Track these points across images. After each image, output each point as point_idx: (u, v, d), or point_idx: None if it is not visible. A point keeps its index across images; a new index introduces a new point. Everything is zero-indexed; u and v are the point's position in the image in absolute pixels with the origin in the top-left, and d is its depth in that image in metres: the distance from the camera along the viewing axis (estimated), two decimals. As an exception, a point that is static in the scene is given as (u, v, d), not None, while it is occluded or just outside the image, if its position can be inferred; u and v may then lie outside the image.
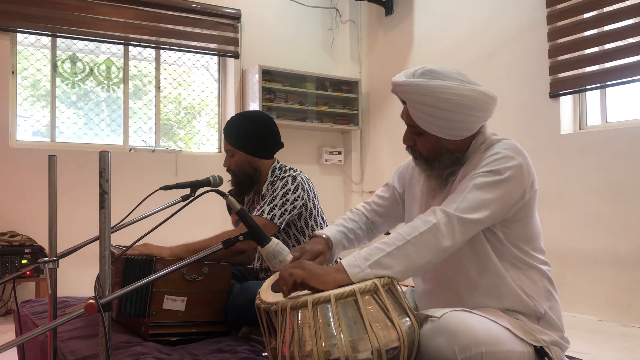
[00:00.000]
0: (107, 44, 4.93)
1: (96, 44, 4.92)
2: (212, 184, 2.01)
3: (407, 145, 1.58)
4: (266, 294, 1.39)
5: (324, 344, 1.19)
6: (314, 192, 2.30)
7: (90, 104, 4.98)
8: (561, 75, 4.12)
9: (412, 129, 1.54)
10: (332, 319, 1.21)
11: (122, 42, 4.93)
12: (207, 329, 2.02)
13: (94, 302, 1.13)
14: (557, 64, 4.14)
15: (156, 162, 4.97)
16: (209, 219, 4.41)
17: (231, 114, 5.23)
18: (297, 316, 1.24)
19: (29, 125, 4.69)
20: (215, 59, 5.57)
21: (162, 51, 5.25)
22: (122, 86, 5.06)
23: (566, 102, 4.18)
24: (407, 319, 1.28)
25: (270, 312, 1.31)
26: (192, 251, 2.01)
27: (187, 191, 1.93)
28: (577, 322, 3.67)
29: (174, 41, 5.13)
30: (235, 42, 5.44)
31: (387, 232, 1.80)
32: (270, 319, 1.32)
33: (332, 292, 1.24)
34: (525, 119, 4.33)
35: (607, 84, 3.90)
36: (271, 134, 2.32)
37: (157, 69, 5.24)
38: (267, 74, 5.40)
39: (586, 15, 4.00)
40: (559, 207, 4.02)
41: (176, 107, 5.49)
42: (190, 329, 1.99)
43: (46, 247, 3.70)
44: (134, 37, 4.93)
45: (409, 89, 1.47)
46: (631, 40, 3.73)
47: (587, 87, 4.00)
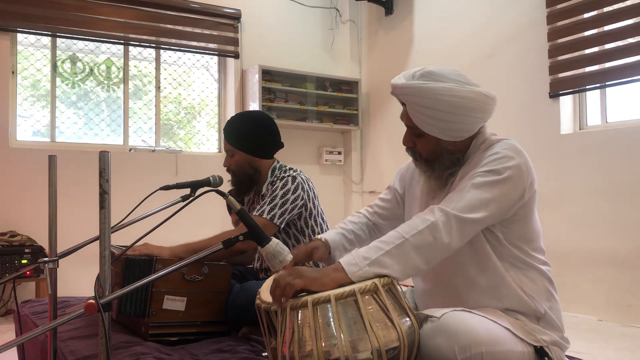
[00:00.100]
0: (107, 44, 4.93)
1: (96, 44, 4.92)
2: (212, 184, 2.01)
3: (407, 146, 1.58)
4: (266, 294, 1.39)
5: (324, 344, 1.19)
6: (314, 192, 2.30)
7: (90, 104, 4.98)
8: (561, 75, 4.12)
9: (412, 131, 1.54)
10: (332, 319, 1.21)
11: (122, 42, 4.93)
12: (207, 329, 2.02)
13: (94, 302, 1.14)
14: (557, 64, 4.14)
15: (156, 162, 4.98)
16: (209, 219, 4.41)
17: (231, 114, 5.23)
18: (297, 316, 1.24)
19: (29, 125, 4.69)
20: (215, 59, 5.57)
21: (162, 51, 5.25)
22: (122, 86, 5.06)
23: (566, 102, 4.17)
24: (407, 319, 1.28)
25: (270, 312, 1.31)
26: (192, 251, 2.01)
27: (187, 191, 1.93)
28: (577, 322, 3.67)
29: (174, 41, 5.13)
30: (235, 42, 5.44)
31: None
32: (270, 319, 1.33)
33: (332, 292, 1.24)
34: (525, 119, 4.33)
35: (607, 84, 3.90)
36: (271, 134, 2.32)
37: (157, 69, 5.24)
38: (267, 74, 5.40)
39: (586, 15, 4.00)
40: (559, 207, 4.02)
41: (176, 107, 5.49)
42: (190, 329, 1.99)
43: (46, 247, 3.70)
44: (134, 37, 4.93)
45: (409, 91, 1.47)
46: (631, 40, 3.73)
47: (587, 87, 4.00)
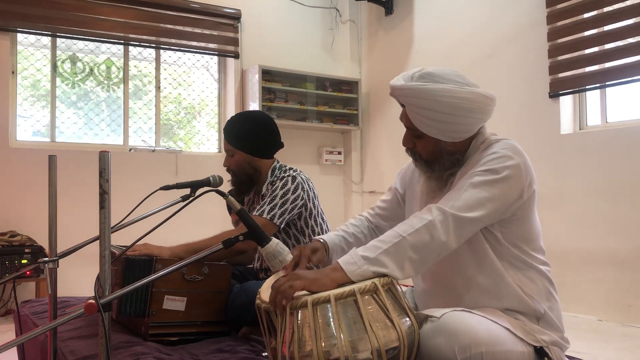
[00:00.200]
0: (107, 44, 4.94)
1: (96, 44, 4.92)
2: (212, 184, 2.01)
3: (406, 147, 1.58)
4: (266, 294, 1.39)
5: (323, 344, 1.19)
6: (314, 192, 2.30)
7: (90, 104, 4.98)
8: (561, 75, 4.12)
9: (412, 132, 1.54)
10: (332, 319, 1.21)
11: (122, 42, 4.93)
12: (207, 329, 2.02)
13: (94, 302, 1.14)
14: (557, 64, 4.14)
15: (156, 162, 4.98)
16: (209, 219, 4.40)
17: (231, 114, 5.23)
18: (297, 316, 1.24)
19: (29, 125, 4.69)
20: (215, 59, 5.57)
21: (162, 51, 5.25)
22: (122, 86, 5.06)
23: (566, 102, 4.17)
24: (407, 319, 1.28)
25: (270, 312, 1.31)
26: (192, 251, 2.01)
27: (187, 191, 1.93)
28: (577, 322, 3.67)
29: (174, 41, 5.13)
30: (235, 42, 5.44)
31: None
32: (270, 319, 1.33)
33: (332, 292, 1.24)
34: (525, 119, 4.33)
35: (607, 84, 3.90)
36: (271, 134, 2.32)
37: (157, 69, 5.24)
38: (267, 74, 5.40)
39: (586, 15, 4.00)
40: (559, 207, 4.02)
41: (176, 107, 5.49)
42: (190, 329, 1.99)
43: (46, 247, 3.70)
44: (134, 37, 4.93)
45: (408, 93, 1.47)
46: (631, 40, 3.73)
47: (587, 87, 4.00)
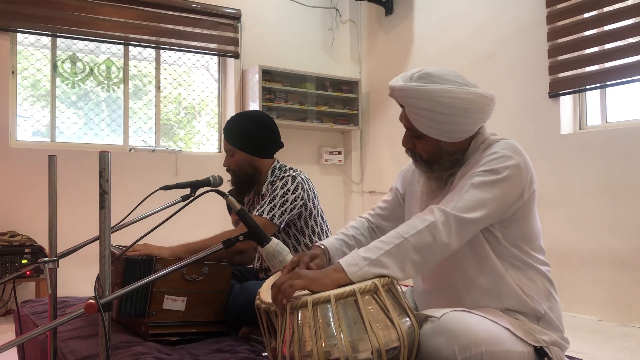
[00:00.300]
0: (107, 44, 4.94)
1: (96, 44, 4.92)
2: (212, 184, 2.01)
3: (406, 148, 1.58)
4: (266, 294, 1.39)
5: (324, 344, 1.19)
6: (314, 192, 2.30)
7: (90, 104, 4.98)
8: (561, 75, 4.12)
9: (411, 132, 1.54)
10: (332, 319, 1.21)
11: (122, 42, 4.93)
12: (207, 329, 2.02)
13: (94, 302, 1.14)
14: (557, 64, 4.14)
15: (156, 162, 4.98)
16: (209, 219, 4.41)
17: (231, 114, 5.23)
18: (297, 316, 1.24)
19: (29, 125, 4.69)
20: (215, 59, 5.57)
21: (162, 51, 5.25)
22: (122, 86, 5.06)
23: (566, 102, 4.17)
24: (407, 319, 1.28)
25: (270, 312, 1.31)
26: (192, 251, 2.01)
27: (187, 191, 1.93)
28: (577, 322, 3.67)
29: (174, 41, 5.13)
30: (235, 42, 5.44)
31: None
32: (270, 319, 1.32)
33: (332, 292, 1.24)
34: (525, 119, 4.32)
35: (607, 84, 3.89)
36: (271, 134, 2.32)
37: (157, 69, 5.24)
38: (267, 74, 5.40)
39: (586, 15, 4.00)
40: (559, 207, 4.02)
41: (176, 107, 5.49)
42: (190, 329, 1.99)
43: (46, 247, 3.70)
44: (134, 37, 4.93)
45: (407, 94, 1.46)
46: (631, 40, 3.73)
47: (587, 87, 4.00)
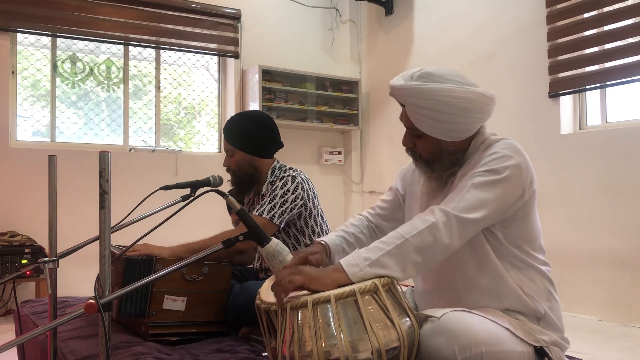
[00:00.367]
0: (107, 44, 4.94)
1: (96, 44, 4.92)
2: (212, 184, 2.01)
3: (406, 147, 1.58)
4: (266, 294, 1.39)
5: (324, 344, 1.19)
6: (314, 192, 2.30)
7: (90, 104, 4.98)
8: (561, 75, 4.12)
9: (412, 132, 1.54)
10: (332, 319, 1.21)
11: (122, 42, 4.93)
12: (207, 329, 2.02)
13: (94, 302, 1.14)
14: (557, 64, 4.14)
15: (156, 162, 4.97)
16: (209, 219, 4.41)
17: (231, 114, 5.23)
18: (297, 316, 1.24)
19: (29, 125, 4.69)
20: (215, 59, 5.57)
21: (162, 51, 5.25)
22: (122, 86, 5.06)
23: (566, 102, 4.17)
24: (407, 319, 1.28)
25: (270, 312, 1.31)
26: (192, 251, 2.01)
27: (187, 191, 1.93)
28: (577, 322, 3.67)
29: (174, 41, 5.13)
30: (235, 42, 5.44)
31: None
32: (270, 319, 1.32)
33: (332, 292, 1.24)
34: (525, 119, 4.32)
35: (607, 84, 3.89)
36: (271, 134, 2.32)
37: (157, 69, 5.24)
38: (267, 74, 5.40)
39: (586, 15, 4.00)
40: (559, 207, 4.02)
41: (176, 107, 5.49)
42: (190, 329, 1.99)
43: (46, 247, 3.70)
44: (134, 37, 4.93)
45: (407, 93, 1.47)
46: (631, 40, 3.73)
47: (587, 87, 3.99)
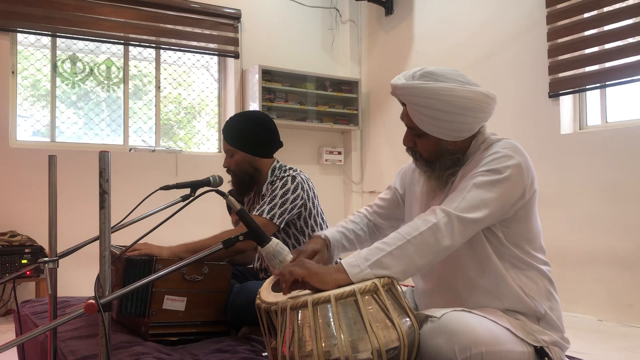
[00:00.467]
0: (107, 44, 4.94)
1: (96, 44, 4.92)
2: (212, 184, 2.01)
3: (407, 146, 1.58)
4: (266, 294, 1.39)
5: (324, 344, 1.19)
6: (314, 192, 2.30)
7: (90, 104, 4.98)
8: (561, 75, 4.12)
9: (413, 131, 1.54)
10: (332, 319, 1.21)
11: (122, 42, 4.93)
12: (207, 329, 2.02)
13: (94, 302, 1.14)
14: (557, 64, 4.14)
15: (156, 162, 4.97)
16: (209, 219, 4.41)
17: (231, 114, 5.23)
18: (297, 316, 1.24)
19: (29, 125, 4.69)
20: (215, 59, 5.57)
21: (162, 51, 5.25)
22: (122, 86, 5.06)
23: (566, 102, 4.17)
24: (407, 319, 1.28)
25: (270, 312, 1.31)
26: (192, 251, 2.01)
27: (187, 191, 1.93)
28: (577, 322, 3.67)
29: (174, 41, 5.13)
30: (235, 42, 5.44)
31: None
32: (270, 319, 1.32)
33: (332, 292, 1.24)
34: (525, 119, 4.32)
35: (607, 83, 3.89)
36: (271, 133, 2.32)
37: (157, 69, 5.24)
38: (267, 74, 5.40)
39: (586, 15, 4.00)
40: (559, 207, 4.02)
41: (176, 107, 5.49)
42: (190, 329, 1.99)
43: (46, 247, 3.70)
44: (134, 37, 4.93)
45: (409, 92, 1.47)
46: (631, 40, 3.73)
47: (587, 87, 3.99)
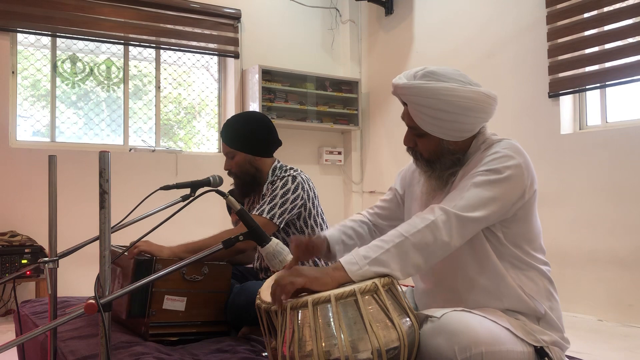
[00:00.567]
0: (107, 44, 4.94)
1: (96, 44, 4.92)
2: (212, 184, 2.01)
3: (407, 146, 1.58)
4: (266, 294, 1.39)
5: (324, 344, 1.19)
6: (314, 192, 2.30)
7: (90, 104, 4.98)
8: (561, 75, 4.12)
9: (413, 131, 1.54)
10: (332, 319, 1.21)
11: (122, 42, 4.93)
12: (207, 329, 2.02)
13: (93, 302, 1.14)
14: (557, 64, 4.14)
15: (156, 162, 4.97)
16: (209, 219, 4.41)
17: (231, 114, 5.23)
18: (297, 316, 1.24)
19: (29, 125, 4.69)
20: (215, 59, 5.57)
21: (162, 51, 5.25)
22: (122, 86, 5.06)
23: (566, 102, 4.17)
24: (407, 319, 1.28)
25: (270, 312, 1.31)
26: (192, 251, 2.00)
27: (187, 191, 1.93)
28: (577, 322, 3.67)
29: (174, 41, 5.13)
30: (235, 42, 5.44)
31: None
32: (270, 319, 1.32)
33: (332, 292, 1.24)
34: (525, 119, 4.33)
35: (607, 83, 3.89)
36: (269, 132, 2.32)
37: (157, 69, 5.24)
38: (267, 74, 5.40)
39: (586, 15, 4.00)
40: (559, 207, 4.02)
41: (176, 107, 5.49)
42: (190, 329, 1.99)
43: (46, 247, 3.70)
44: (134, 37, 4.93)
45: (410, 91, 1.46)
46: (631, 40, 3.73)
47: (587, 87, 3.99)
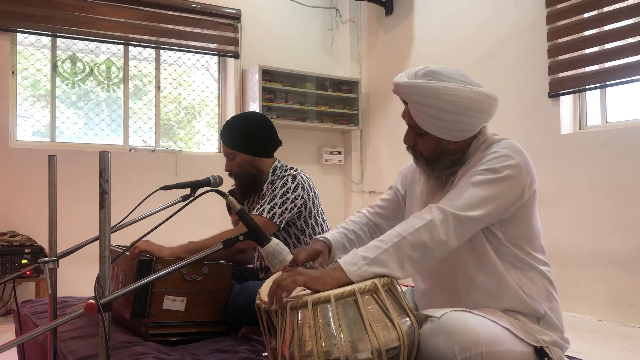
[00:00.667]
0: (107, 44, 4.94)
1: (96, 44, 4.92)
2: (212, 184, 2.01)
3: (407, 145, 1.58)
4: (266, 294, 1.39)
5: (324, 344, 1.19)
6: (314, 192, 2.30)
7: (90, 104, 4.98)
8: (561, 75, 4.12)
9: (414, 130, 1.54)
10: (332, 319, 1.21)
11: (122, 42, 4.93)
12: (207, 329, 2.02)
13: (93, 302, 1.14)
14: (557, 64, 4.14)
15: (156, 162, 4.97)
16: (209, 219, 4.41)
17: (231, 114, 5.24)
18: (297, 316, 1.24)
19: (29, 125, 4.69)
20: (215, 59, 5.57)
21: (162, 51, 5.25)
22: (122, 86, 5.06)
23: (566, 102, 4.17)
24: (407, 319, 1.28)
25: (270, 312, 1.31)
26: (192, 251, 2.00)
27: (187, 191, 1.93)
28: (577, 322, 3.67)
29: (174, 41, 5.13)
30: (235, 42, 5.44)
31: None
32: (270, 319, 1.32)
33: (332, 292, 1.24)
34: (525, 119, 4.33)
35: (607, 83, 3.89)
36: (269, 132, 2.32)
37: (157, 69, 5.24)
38: (267, 74, 5.40)
39: (586, 15, 4.00)
40: (559, 207, 4.02)
41: (176, 107, 5.49)
42: (190, 329, 1.99)
43: (46, 247, 3.70)
44: (134, 37, 4.93)
45: (411, 90, 1.46)
46: (631, 40, 3.73)
47: (587, 87, 3.99)
